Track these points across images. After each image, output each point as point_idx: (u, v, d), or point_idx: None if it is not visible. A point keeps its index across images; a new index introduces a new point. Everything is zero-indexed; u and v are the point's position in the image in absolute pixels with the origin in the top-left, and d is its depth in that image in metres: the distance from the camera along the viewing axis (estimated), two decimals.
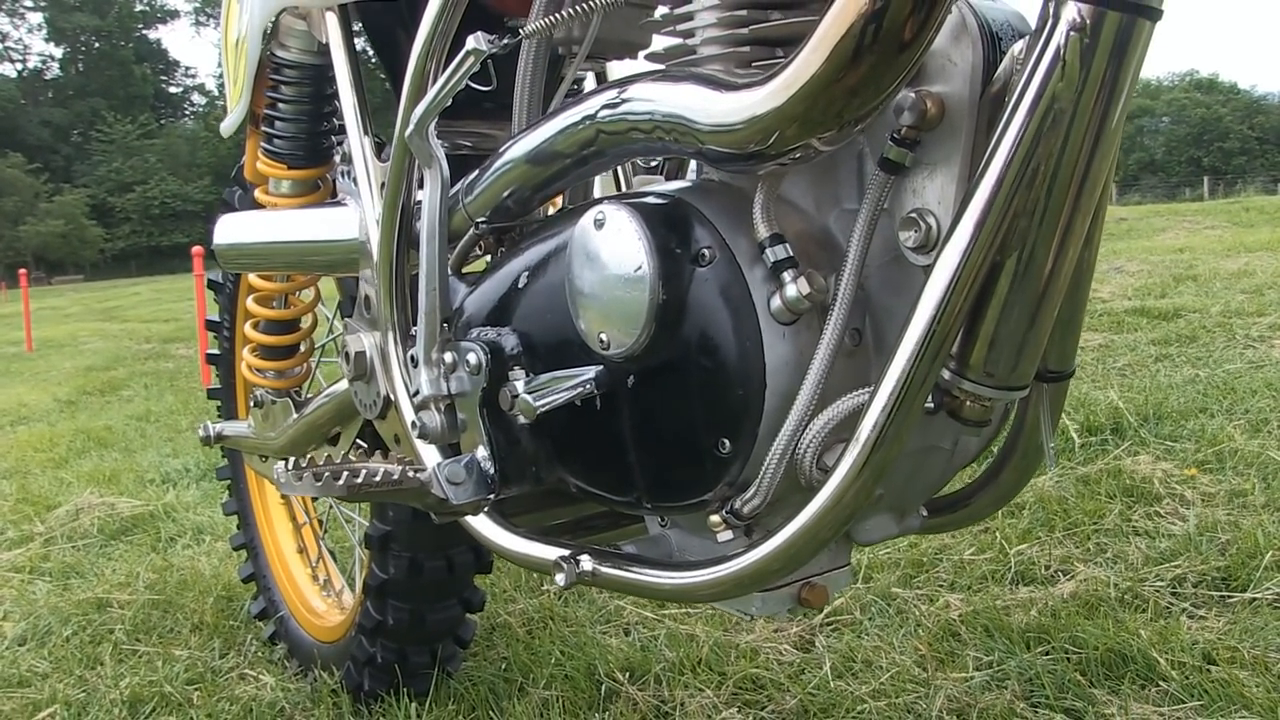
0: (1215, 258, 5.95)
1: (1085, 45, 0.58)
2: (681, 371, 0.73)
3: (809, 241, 0.74)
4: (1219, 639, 1.40)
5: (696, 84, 0.70)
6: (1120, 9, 0.57)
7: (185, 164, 45.67)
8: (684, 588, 0.77)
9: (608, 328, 0.75)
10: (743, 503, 0.74)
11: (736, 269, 0.71)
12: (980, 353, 0.66)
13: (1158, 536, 1.79)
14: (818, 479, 0.70)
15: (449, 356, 0.89)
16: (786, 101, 0.63)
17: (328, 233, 1.15)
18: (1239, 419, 2.47)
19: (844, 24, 0.60)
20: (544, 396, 0.74)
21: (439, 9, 0.93)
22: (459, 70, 0.83)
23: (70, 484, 3.15)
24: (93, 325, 11.64)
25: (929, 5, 0.59)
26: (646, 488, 0.80)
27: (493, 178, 0.91)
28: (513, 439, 0.85)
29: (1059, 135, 0.60)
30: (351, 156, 1.12)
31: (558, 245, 0.85)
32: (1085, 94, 0.59)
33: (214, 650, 1.80)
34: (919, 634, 1.55)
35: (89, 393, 5.62)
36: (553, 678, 1.52)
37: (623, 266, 0.73)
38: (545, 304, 0.83)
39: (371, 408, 1.09)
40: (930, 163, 0.68)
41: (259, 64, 1.24)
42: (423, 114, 0.86)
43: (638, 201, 0.75)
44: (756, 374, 0.70)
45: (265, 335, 1.36)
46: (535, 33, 0.84)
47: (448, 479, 0.82)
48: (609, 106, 0.77)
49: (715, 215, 0.73)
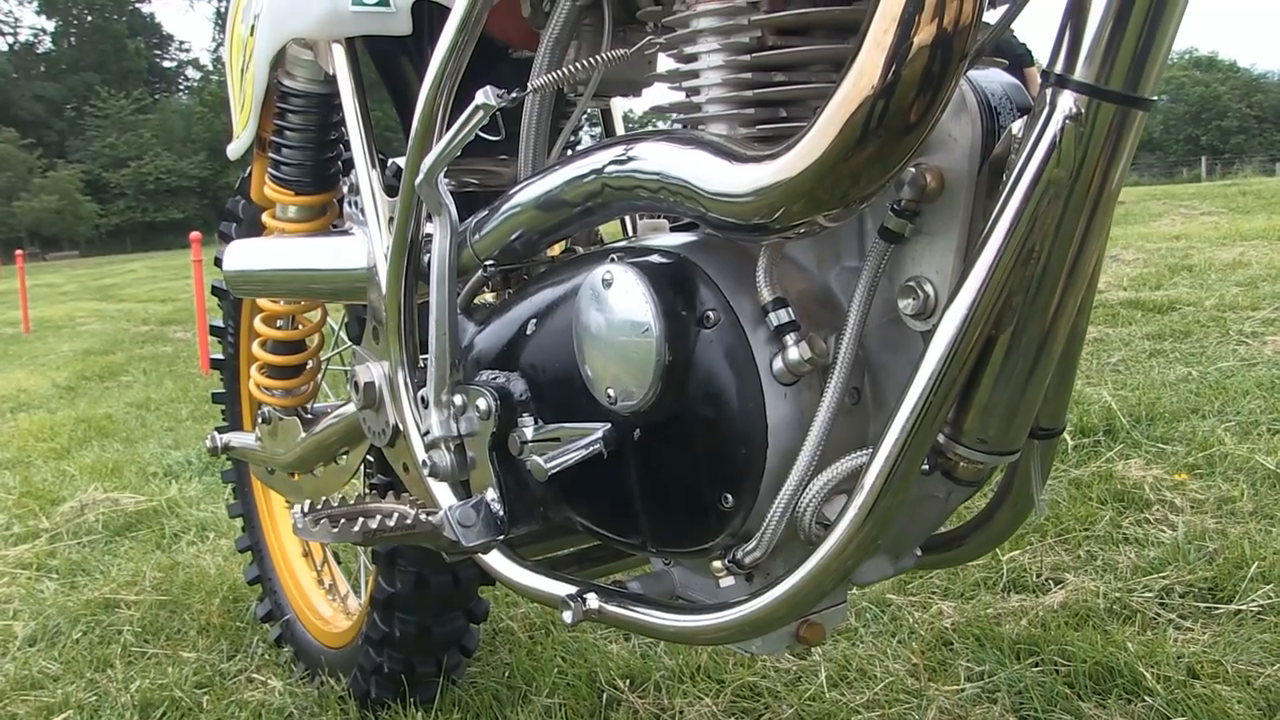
0: (1211, 246, 5.98)
1: (1080, 134, 0.60)
2: (686, 428, 0.76)
3: (810, 301, 0.77)
4: (1203, 652, 1.44)
5: (705, 151, 0.72)
6: (1115, 101, 0.59)
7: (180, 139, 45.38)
8: (687, 631, 0.80)
9: (615, 384, 0.77)
10: (744, 553, 0.77)
11: (740, 331, 0.73)
12: (974, 420, 0.69)
13: (1147, 544, 1.83)
14: (817, 534, 0.73)
15: (459, 399, 0.91)
16: (794, 179, 0.64)
17: (335, 262, 1.17)
18: (1230, 420, 2.50)
19: (851, 105, 0.62)
20: (555, 458, 0.77)
21: (447, 50, 0.95)
22: (468, 123, 0.85)
23: (73, 477, 3.18)
24: (89, 305, 11.63)
25: (935, 87, 0.61)
26: (651, 534, 0.82)
27: (500, 220, 0.93)
28: (522, 481, 0.88)
29: (1053, 218, 0.62)
30: (359, 187, 1.14)
31: (565, 294, 0.87)
32: (1080, 180, 0.61)
33: (221, 652, 1.83)
34: (913, 642, 1.59)
35: (88, 378, 5.63)
36: (555, 686, 1.55)
37: (630, 327, 0.75)
38: (553, 352, 0.86)
39: (380, 435, 1.11)
40: (929, 232, 0.70)
41: (266, 91, 1.26)
42: (432, 164, 0.88)
43: (644, 262, 0.77)
44: (759, 433, 0.73)
45: (273, 355, 1.38)
46: (542, 87, 0.86)
47: (459, 522, 0.84)
48: (617, 163, 0.79)
49: (719, 276, 0.76)
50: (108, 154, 43.87)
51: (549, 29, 0.97)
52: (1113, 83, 0.59)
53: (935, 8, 0.60)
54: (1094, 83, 0.60)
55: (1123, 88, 0.60)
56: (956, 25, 0.60)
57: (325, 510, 0.83)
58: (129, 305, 11.06)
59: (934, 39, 0.60)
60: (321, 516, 0.82)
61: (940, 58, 0.60)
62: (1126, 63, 0.59)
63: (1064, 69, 0.61)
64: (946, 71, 0.61)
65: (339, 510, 0.85)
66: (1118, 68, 0.59)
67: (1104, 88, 0.59)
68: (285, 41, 1.19)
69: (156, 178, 43.28)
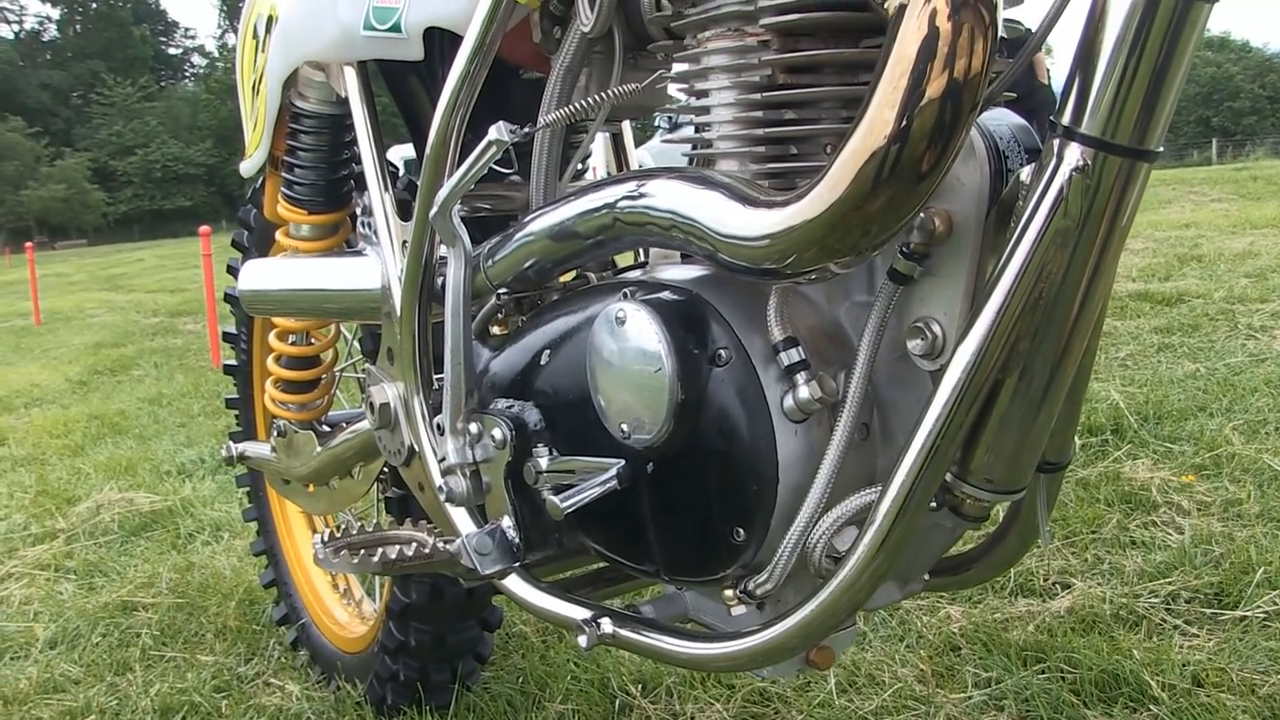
0: (1221, 235, 5.96)
1: (1087, 186, 0.61)
2: (699, 463, 0.77)
3: (820, 336, 0.78)
4: (1209, 659, 1.45)
5: (718, 192, 0.72)
6: (1121, 154, 0.60)
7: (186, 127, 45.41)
8: (700, 658, 0.82)
9: (629, 420, 0.79)
10: (755, 584, 0.78)
11: (751, 370, 0.75)
12: (980, 460, 0.70)
13: (1154, 548, 1.84)
14: (827, 567, 0.75)
15: (474, 427, 0.93)
16: (807, 225, 0.65)
17: (348, 282, 1.18)
18: (1238, 419, 2.51)
19: (864, 155, 0.63)
20: (570, 497, 0.78)
21: (459, 78, 0.96)
22: (481, 159, 0.86)
23: (88, 475, 3.21)
24: (99, 295, 11.68)
25: (947, 137, 0.62)
26: (663, 563, 0.84)
27: (514, 247, 0.94)
28: (537, 509, 0.90)
29: (1060, 266, 0.63)
30: (371, 209, 1.15)
31: (579, 325, 0.88)
32: (1086, 231, 0.62)
33: (239, 655, 1.86)
34: (921, 648, 1.61)
35: (100, 372, 5.67)
36: (568, 691, 1.58)
37: (644, 366, 0.76)
38: (567, 384, 0.87)
39: (396, 455, 1.13)
40: (937, 274, 0.71)
41: (279, 111, 1.27)
42: (446, 197, 0.89)
43: (657, 300, 0.78)
44: (770, 469, 0.74)
45: (288, 370, 1.40)
46: (553, 123, 0.87)
47: (476, 550, 0.86)
48: (630, 198, 0.80)
49: (731, 313, 0.77)
50: (115, 142, 43.93)
51: (560, 57, 0.98)
52: (1119, 136, 0.60)
53: (946, 58, 0.61)
54: (1101, 136, 0.61)
55: (1129, 141, 0.60)
56: (967, 75, 0.61)
57: (344, 539, 0.85)
58: (138, 296, 11.10)
59: (945, 89, 0.61)
60: (341, 546, 0.84)
61: (951, 108, 0.61)
62: (1133, 117, 0.60)
63: (1071, 120, 0.62)
64: (958, 121, 0.62)
65: (358, 539, 0.87)
66: (1124, 122, 0.60)
67: (1110, 141, 0.60)
68: (298, 64, 1.20)
69: (164, 165, 43.34)
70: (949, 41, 0.61)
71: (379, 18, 1.07)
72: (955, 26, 0.61)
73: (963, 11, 0.61)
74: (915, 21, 0.62)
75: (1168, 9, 0.58)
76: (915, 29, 0.61)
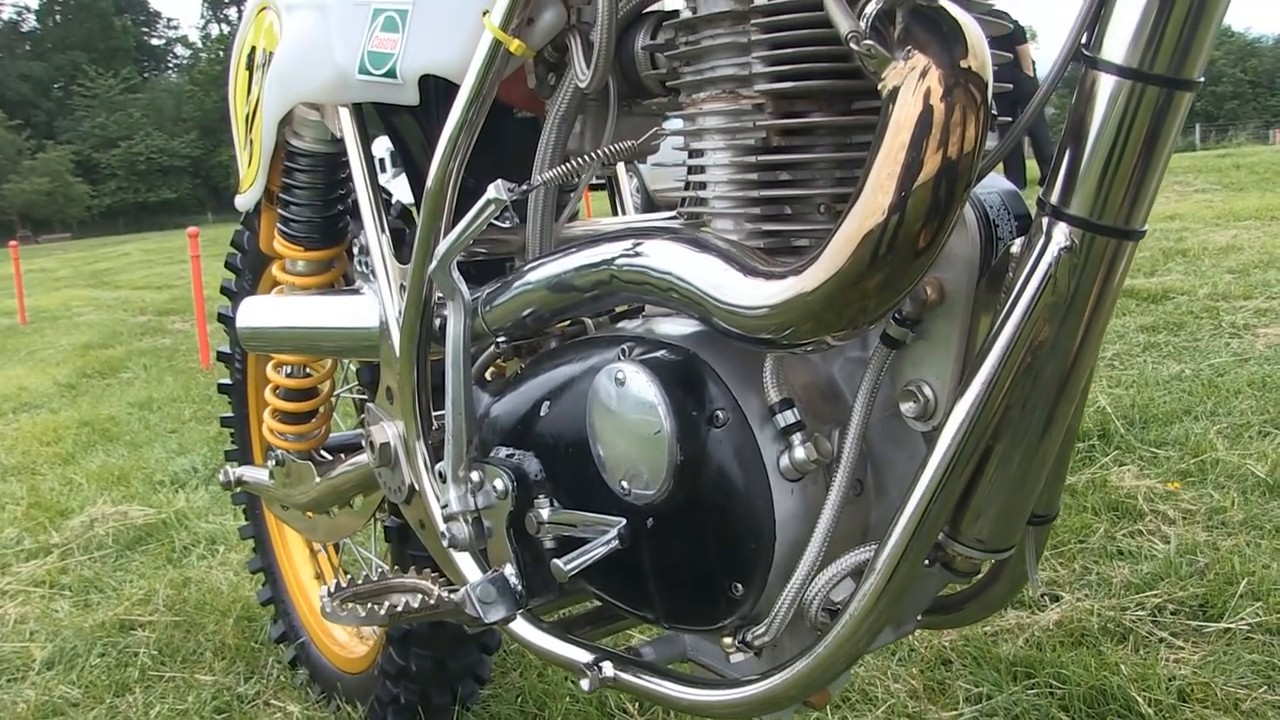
0: (1205, 228, 6.00)
1: (1074, 264, 0.63)
2: (697, 520, 0.79)
3: (814, 394, 0.80)
4: (1193, 674, 1.48)
5: (717, 259, 0.74)
6: (1108, 235, 0.62)
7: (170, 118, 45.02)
8: (700, 704, 0.84)
9: (629, 478, 0.80)
10: (753, 636, 0.80)
11: (748, 431, 0.76)
12: (970, 521, 0.72)
13: (1140, 558, 1.88)
14: (823, 621, 0.77)
15: (476, 475, 0.94)
16: (805, 299, 0.66)
17: (345, 320, 1.19)
18: (1221, 422, 2.54)
19: (861, 232, 0.64)
20: (573, 560, 0.80)
21: (455, 127, 0.97)
22: (479, 216, 0.87)
23: (80, 486, 3.21)
24: (85, 293, 11.61)
25: (942, 214, 0.63)
26: (663, 611, 0.86)
27: (512, 294, 0.95)
28: (539, 556, 0.92)
29: (1049, 339, 0.65)
30: (368, 248, 1.16)
31: (578, 376, 0.90)
32: (1074, 306, 0.64)
33: (238, 675, 1.88)
34: (913, 662, 1.64)
35: (88, 374, 5.65)
36: (567, 711, 1.60)
37: (643, 427, 0.78)
38: (567, 436, 0.89)
39: (397, 493, 1.14)
40: (929, 338, 0.73)
41: (274, 148, 1.27)
42: (445, 253, 0.90)
43: (656, 360, 0.80)
44: (767, 527, 0.76)
45: (285, 402, 1.41)
46: (550, 181, 0.88)
47: (480, 599, 0.88)
48: (628, 256, 0.81)
49: (728, 374, 0.79)
50: (97, 134, 43.54)
51: (555, 106, 0.99)
52: (1106, 217, 0.62)
53: (940, 137, 0.62)
54: (1088, 217, 0.62)
55: (1115, 222, 0.62)
56: (961, 153, 0.63)
57: (350, 590, 0.87)
58: (125, 293, 11.04)
59: (940, 168, 0.62)
60: (348, 598, 0.85)
61: (946, 186, 0.63)
62: (1119, 199, 0.62)
63: (1060, 200, 0.64)
64: (953, 199, 0.63)
65: (364, 589, 0.88)
66: (1110, 204, 0.62)
67: (1098, 222, 0.62)
68: (293, 104, 1.21)
69: (148, 157, 43.00)
70: (942, 121, 0.62)
71: (374, 63, 1.07)
72: (948, 106, 0.63)
73: (955, 92, 0.63)
74: (909, 102, 0.63)
75: (1152, 97, 0.60)
76: (909, 109, 0.63)
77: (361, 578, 0.90)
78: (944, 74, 0.63)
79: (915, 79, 0.63)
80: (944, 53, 0.63)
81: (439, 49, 1.01)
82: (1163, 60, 0.59)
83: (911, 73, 0.63)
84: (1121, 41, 0.60)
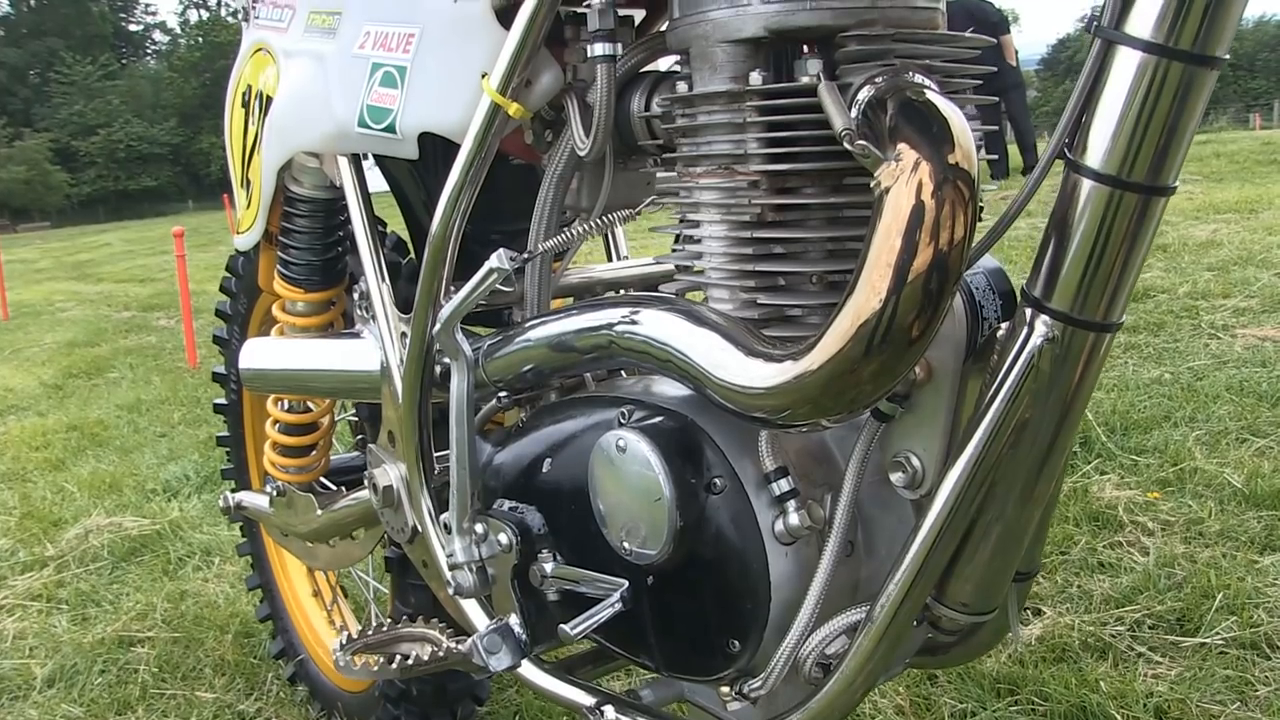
0: (1185, 221, 6.07)
1: (1056, 355, 0.67)
2: (696, 581, 0.83)
3: (807, 459, 0.83)
4: (1170, 690, 1.54)
5: (717, 336, 0.77)
6: (1088, 329, 0.66)
7: (150, 105, 44.53)
8: None
9: (630, 540, 0.84)
10: (749, 688, 0.84)
11: (744, 497, 0.80)
12: (956, 587, 0.76)
13: (1120, 571, 1.93)
14: (816, 675, 0.80)
15: (480, 528, 0.98)
16: (801, 383, 0.69)
17: (347, 363, 1.22)
18: (1200, 428, 2.60)
19: (855, 322, 0.67)
20: (579, 624, 0.83)
21: (455, 186, 0.99)
22: (482, 284, 0.90)
23: (73, 494, 3.22)
24: (67, 286, 11.52)
25: (935, 304, 0.66)
26: (663, 661, 0.90)
27: (512, 349, 0.98)
28: (543, 606, 0.95)
29: (1031, 420, 0.69)
30: (369, 294, 1.19)
31: (579, 434, 0.93)
32: (1055, 392, 0.68)
33: (238, 691, 1.91)
34: (899, 678, 1.68)
35: (74, 375, 5.63)
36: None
37: (644, 493, 0.81)
38: (569, 495, 0.92)
39: (400, 533, 1.17)
40: (917, 413, 0.77)
41: (274, 192, 1.29)
42: (448, 317, 0.93)
43: (655, 429, 0.83)
44: (763, 588, 0.80)
45: (286, 436, 1.43)
46: (550, 250, 0.91)
47: (486, 649, 0.91)
48: (628, 324, 0.84)
49: (725, 442, 0.82)
50: (76, 122, 43.06)
51: (552, 166, 1.02)
52: (1086, 312, 0.66)
53: (931, 231, 0.66)
54: (1069, 312, 0.66)
55: (1096, 316, 0.66)
56: (951, 245, 0.66)
57: (361, 642, 0.90)
58: (108, 286, 10.96)
59: (931, 261, 0.65)
60: (359, 649, 0.89)
61: (937, 278, 0.66)
62: (1100, 296, 0.65)
63: (1042, 294, 0.67)
64: (944, 290, 0.66)
65: (374, 640, 0.91)
66: (1090, 300, 0.66)
67: (1078, 317, 0.66)
68: (292, 153, 1.23)
69: (127, 145, 42.55)
70: (933, 219, 0.65)
71: (374, 117, 1.09)
72: (938, 204, 0.66)
73: (944, 188, 0.66)
74: (900, 198, 0.66)
75: (1130, 203, 0.63)
76: (901, 205, 0.66)
77: (371, 627, 0.93)
78: (933, 171, 0.66)
79: (906, 178, 0.66)
80: (933, 151, 0.66)
81: (438, 108, 1.03)
82: (1140, 169, 0.62)
83: (903, 173, 0.66)
84: (1101, 149, 0.63)
